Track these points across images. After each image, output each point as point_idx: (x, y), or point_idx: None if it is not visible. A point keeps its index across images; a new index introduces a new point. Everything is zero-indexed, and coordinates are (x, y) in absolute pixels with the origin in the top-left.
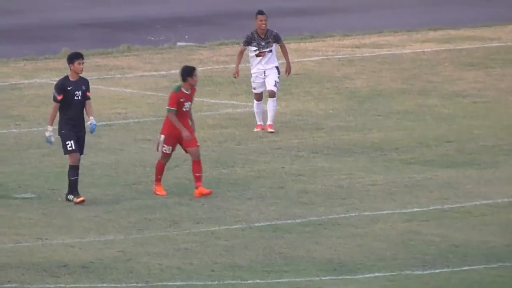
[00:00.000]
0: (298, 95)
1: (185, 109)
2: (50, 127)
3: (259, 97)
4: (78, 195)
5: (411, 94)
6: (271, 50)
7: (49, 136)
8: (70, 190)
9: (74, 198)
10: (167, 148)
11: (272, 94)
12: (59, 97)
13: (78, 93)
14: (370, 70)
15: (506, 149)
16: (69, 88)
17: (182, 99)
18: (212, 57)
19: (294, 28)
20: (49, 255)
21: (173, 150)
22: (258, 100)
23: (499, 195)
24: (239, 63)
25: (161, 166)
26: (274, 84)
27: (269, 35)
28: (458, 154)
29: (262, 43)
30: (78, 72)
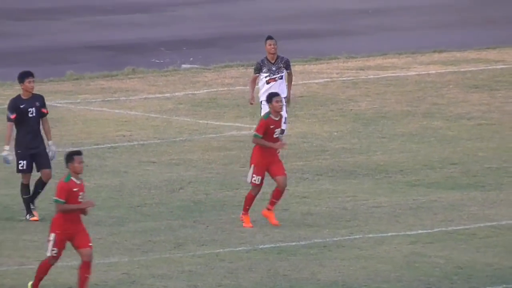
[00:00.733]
0: (303, 118)
1: (275, 135)
2: (7, 147)
3: None
4: (31, 214)
5: (416, 116)
6: (282, 77)
7: (6, 155)
8: (27, 209)
9: (27, 215)
10: (257, 178)
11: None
12: (12, 116)
13: (31, 110)
14: (374, 92)
15: (510, 171)
16: (21, 106)
17: (271, 126)
18: (216, 79)
19: (298, 50)
20: (53, 278)
21: (262, 179)
22: None
23: (504, 217)
24: (253, 90)
25: (250, 197)
26: (285, 121)
27: (279, 61)
28: (463, 176)
29: (273, 69)
30: (29, 90)
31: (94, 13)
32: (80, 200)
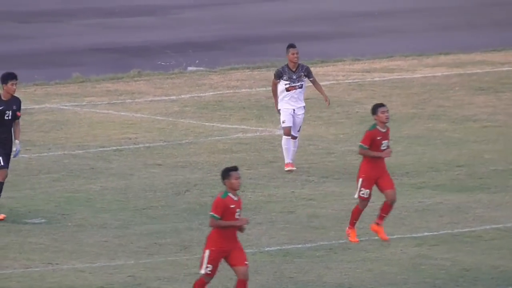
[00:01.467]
0: (309, 120)
1: (382, 147)
2: None
3: (289, 132)
4: None
5: (422, 119)
6: (302, 85)
7: None
8: None
9: None
10: (365, 192)
11: (294, 138)
12: None
13: (8, 112)
14: (380, 95)
15: None
16: (0, 108)
17: (378, 137)
18: (222, 81)
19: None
20: (59, 280)
21: (370, 193)
22: (288, 135)
23: (510, 220)
24: (277, 97)
25: (357, 211)
26: (299, 129)
27: (300, 69)
28: (469, 179)
29: (294, 77)
30: (10, 92)
31: (100, 16)
32: (236, 217)
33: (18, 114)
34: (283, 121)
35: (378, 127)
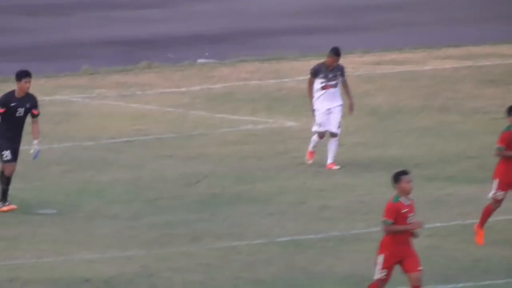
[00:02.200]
0: None
1: None
2: None
3: (322, 136)
4: (7, 203)
5: (431, 111)
6: (337, 84)
7: None
8: (1, 198)
9: (3, 206)
10: (500, 193)
11: (334, 135)
12: (1, 110)
13: (20, 110)
14: (390, 87)
15: None
16: (12, 104)
17: None
18: (232, 74)
19: (313, 45)
20: (70, 271)
21: (505, 195)
22: (321, 138)
23: None
24: (312, 96)
25: (488, 211)
26: (338, 126)
27: (337, 68)
28: (479, 170)
29: (330, 75)
30: (24, 90)
31: (109, 8)
32: (409, 221)
33: (35, 112)
34: (319, 123)
35: None
